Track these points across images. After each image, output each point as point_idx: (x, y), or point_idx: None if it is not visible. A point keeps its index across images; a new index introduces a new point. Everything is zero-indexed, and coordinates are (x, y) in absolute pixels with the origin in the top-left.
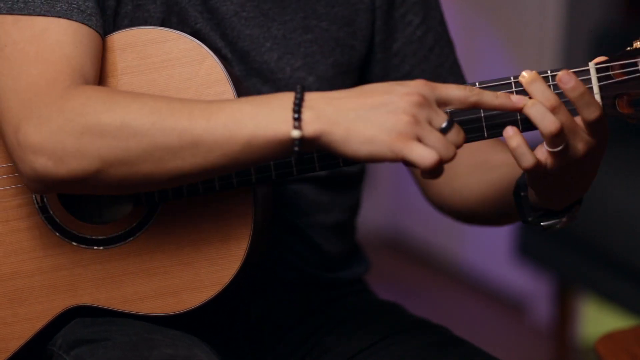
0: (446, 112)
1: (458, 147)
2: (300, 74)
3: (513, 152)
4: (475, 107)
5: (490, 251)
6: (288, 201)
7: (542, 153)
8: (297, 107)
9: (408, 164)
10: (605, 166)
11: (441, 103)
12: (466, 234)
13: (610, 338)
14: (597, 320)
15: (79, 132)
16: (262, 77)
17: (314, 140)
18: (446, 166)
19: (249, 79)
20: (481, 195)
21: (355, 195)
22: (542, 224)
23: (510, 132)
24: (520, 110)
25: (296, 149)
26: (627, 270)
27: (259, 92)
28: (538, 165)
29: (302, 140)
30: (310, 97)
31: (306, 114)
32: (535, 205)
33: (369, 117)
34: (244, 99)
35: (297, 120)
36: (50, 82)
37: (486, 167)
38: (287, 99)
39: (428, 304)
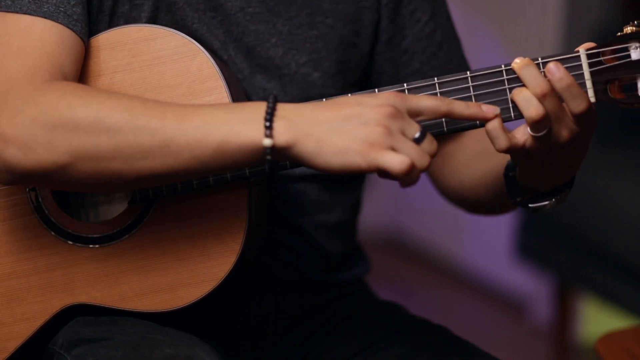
0: (418, 123)
1: (432, 156)
2: (306, 69)
3: (488, 134)
4: (446, 116)
5: (490, 251)
6: (290, 200)
7: (524, 134)
8: (269, 116)
9: (382, 173)
10: (605, 166)
11: (413, 114)
12: (466, 234)
13: (610, 338)
14: (597, 320)
15: (52, 125)
16: (267, 73)
17: (285, 150)
18: (451, 157)
19: (254, 76)
20: (484, 182)
21: (357, 194)
22: (530, 205)
23: (490, 114)
24: (490, 120)
25: (269, 157)
26: (627, 270)
27: (264, 90)
28: (513, 148)
29: (274, 149)
30: (283, 107)
31: (278, 124)
32: (524, 187)
33: (342, 129)
34: (217, 105)
35: (269, 129)
36: (28, 76)
37: (487, 155)
38: (259, 107)
39: (428, 304)
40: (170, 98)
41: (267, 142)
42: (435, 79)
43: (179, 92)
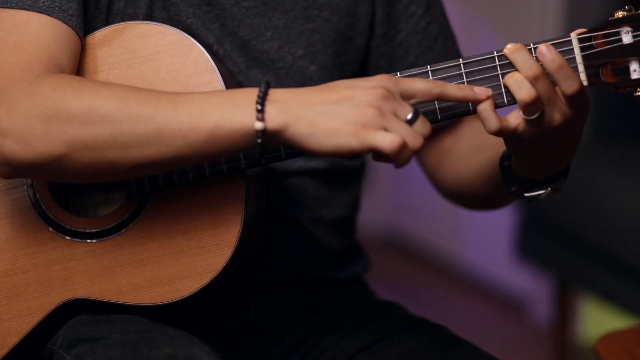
0: (411, 105)
1: (425, 137)
2: (302, 62)
3: (479, 115)
4: (439, 99)
5: (490, 251)
6: (289, 195)
7: (517, 118)
8: (261, 100)
9: (376, 155)
10: (605, 166)
11: (405, 96)
12: (466, 234)
13: (610, 338)
14: (597, 320)
15: (47, 116)
16: (263, 67)
17: (277, 133)
18: (449, 152)
19: (250, 70)
20: (479, 176)
21: (356, 190)
22: (525, 194)
23: (482, 96)
24: (482, 101)
25: (259, 140)
26: (627, 270)
27: (259, 83)
28: (505, 130)
29: (265, 133)
30: (275, 92)
31: (270, 107)
32: (519, 176)
33: (334, 111)
34: (211, 92)
35: (260, 112)
36: (24, 70)
37: (484, 148)
38: (252, 92)
39: (428, 304)
40: None
41: (259, 125)
42: (428, 66)
43: (175, 87)
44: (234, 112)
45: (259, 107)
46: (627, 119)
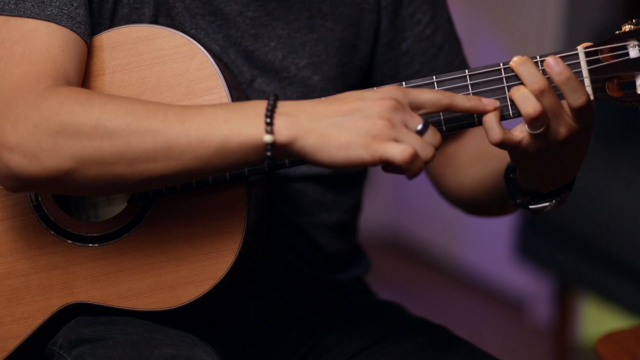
0: (421, 116)
1: (436, 147)
2: (306, 73)
3: (483, 125)
4: (447, 109)
5: (490, 251)
6: (292, 200)
7: (522, 132)
8: (270, 113)
9: (387, 166)
10: (605, 166)
11: (414, 107)
12: (466, 234)
13: (610, 338)
14: (597, 320)
15: (55, 131)
16: (267, 77)
17: (286, 146)
18: (452, 158)
19: (253, 79)
20: (483, 184)
21: (357, 194)
22: (530, 207)
23: (490, 107)
24: (490, 112)
25: (268, 154)
26: (627, 270)
27: (263, 93)
28: (508, 142)
29: (275, 146)
30: (284, 104)
31: (279, 120)
32: (524, 188)
33: (344, 123)
34: (219, 104)
35: (270, 125)
36: (32, 82)
37: (488, 157)
38: (260, 105)
39: (428, 304)
40: (170, 97)
41: (268, 138)
42: (434, 77)
43: (178, 91)
44: (242, 125)
45: (268, 120)
46: (627, 120)
